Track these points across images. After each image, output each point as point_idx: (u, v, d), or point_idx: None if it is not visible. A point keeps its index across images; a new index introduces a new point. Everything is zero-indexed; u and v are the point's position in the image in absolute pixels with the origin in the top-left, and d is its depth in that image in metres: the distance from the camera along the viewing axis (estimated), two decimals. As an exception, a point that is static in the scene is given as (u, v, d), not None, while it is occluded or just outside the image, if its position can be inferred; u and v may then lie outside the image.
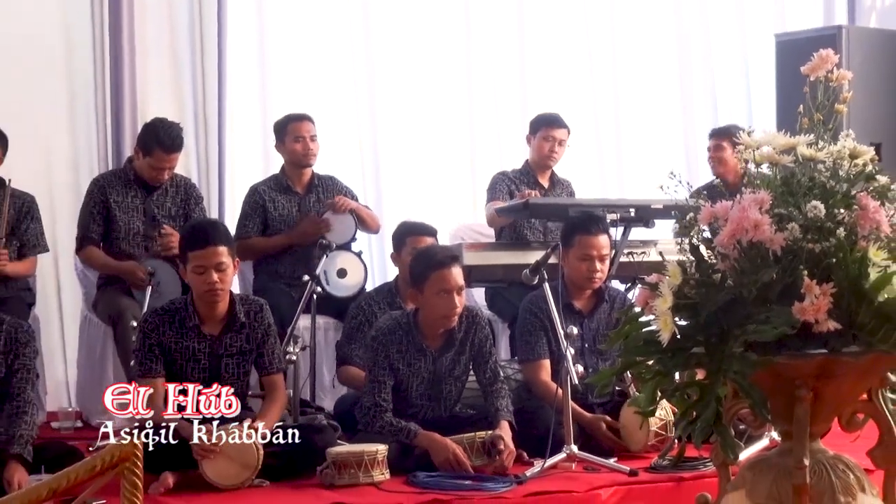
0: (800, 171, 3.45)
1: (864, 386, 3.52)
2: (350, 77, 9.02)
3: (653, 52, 9.97)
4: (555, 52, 9.63)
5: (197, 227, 5.92)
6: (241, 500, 5.07)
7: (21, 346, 5.42)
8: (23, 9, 7.98)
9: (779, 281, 3.25)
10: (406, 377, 5.90)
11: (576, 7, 9.75)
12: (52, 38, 8.08)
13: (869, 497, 3.46)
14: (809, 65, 3.58)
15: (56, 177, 7.99)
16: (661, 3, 10.00)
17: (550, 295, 5.83)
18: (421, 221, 6.98)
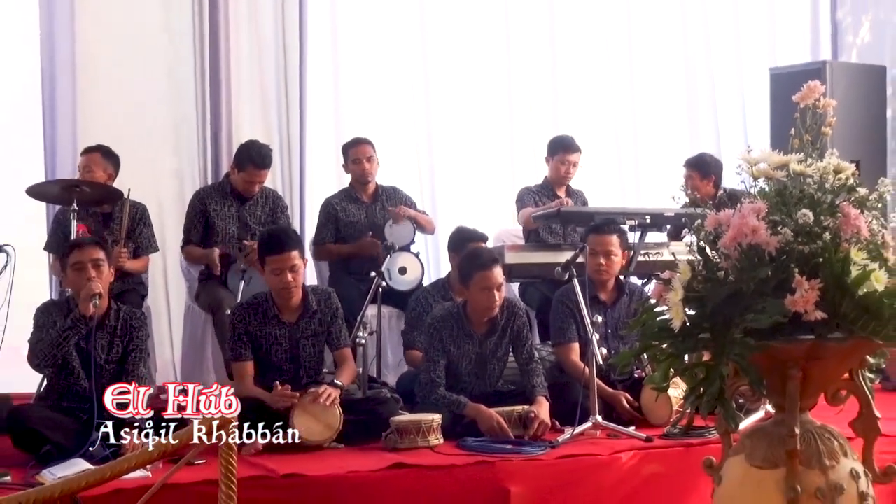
0: (791, 184, 3.44)
1: (846, 367, 3.50)
2: (410, 105, 9.03)
3: (664, 82, 9.91)
4: (582, 81, 9.61)
5: (273, 235, 5.89)
6: (319, 459, 5.05)
7: (135, 330, 5.45)
8: (137, 55, 8.01)
9: (773, 277, 3.23)
10: (456, 358, 5.89)
11: (600, 44, 9.71)
12: (161, 77, 8.11)
13: (850, 461, 3.44)
14: (800, 94, 3.56)
15: (164, 189, 8.01)
16: (673, 41, 9.94)
17: (579, 288, 5.82)
18: (474, 228, 6.96)
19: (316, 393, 5.39)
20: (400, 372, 6.81)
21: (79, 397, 5.22)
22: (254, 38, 8.37)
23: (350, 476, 4.83)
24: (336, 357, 5.91)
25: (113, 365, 5.34)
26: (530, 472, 5.01)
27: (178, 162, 8.17)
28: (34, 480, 4.50)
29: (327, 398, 5.36)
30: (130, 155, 7.18)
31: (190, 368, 7.38)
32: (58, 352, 5.22)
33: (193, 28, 8.13)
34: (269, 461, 4.95)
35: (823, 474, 3.35)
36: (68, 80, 7.81)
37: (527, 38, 9.48)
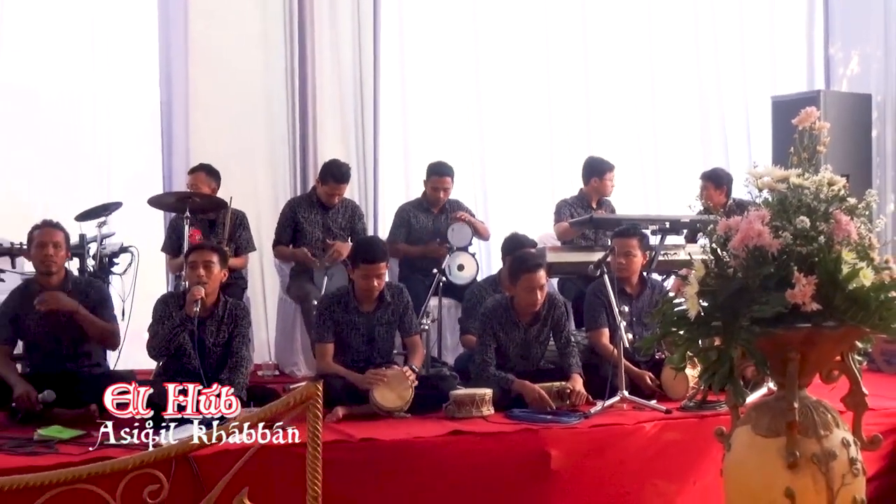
0: (791, 195, 3.41)
1: (838, 350, 3.48)
2: (466, 130, 9.03)
3: (681, 107, 9.83)
4: (612, 106, 9.56)
5: (369, 246, 5.81)
6: (390, 426, 5.05)
7: (238, 318, 5.47)
8: (239, 90, 8.08)
9: (775, 274, 3.21)
10: (505, 342, 5.87)
11: (627, 74, 9.65)
12: (259, 106, 8.17)
13: (841, 431, 3.41)
14: (798, 118, 3.54)
15: (261, 199, 8.05)
16: (688, 71, 9.85)
17: (608, 283, 5.79)
18: (525, 235, 6.92)
19: (400, 370, 5.44)
20: (457, 353, 6.80)
21: (190, 375, 5.21)
22: (335, 72, 8.41)
23: (415, 441, 4.83)
24: (407, 343, 5.89)
25: (220, 348, 5.37)
26: (567, 439, 4.99)
27: (273, 176, 8.21)
28: (154, 443, 4.52)
29: (413, 380, 5.39)
30: (233, 170, 7.24)
31: (282, 350, 7.42)
32: (170, 345, 5.28)
33: (286, 65, 8.19)
34: (348, 427, 4.96)
35: (819, 442, 3.33)
36: (182, 110, 7.90)
37: (563, 70, 9.42)
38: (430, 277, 6.73)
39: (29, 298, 5.42)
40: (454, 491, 4.75)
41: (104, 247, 6.51)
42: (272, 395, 5.17)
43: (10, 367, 5.35)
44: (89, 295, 5.50)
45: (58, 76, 7.89)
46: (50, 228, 5.47)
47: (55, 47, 7.87)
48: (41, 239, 5.41)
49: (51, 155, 7.80)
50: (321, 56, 8.34)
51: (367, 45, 8.44)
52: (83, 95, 7.93)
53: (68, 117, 7.88)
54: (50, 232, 5.45)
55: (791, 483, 3.28)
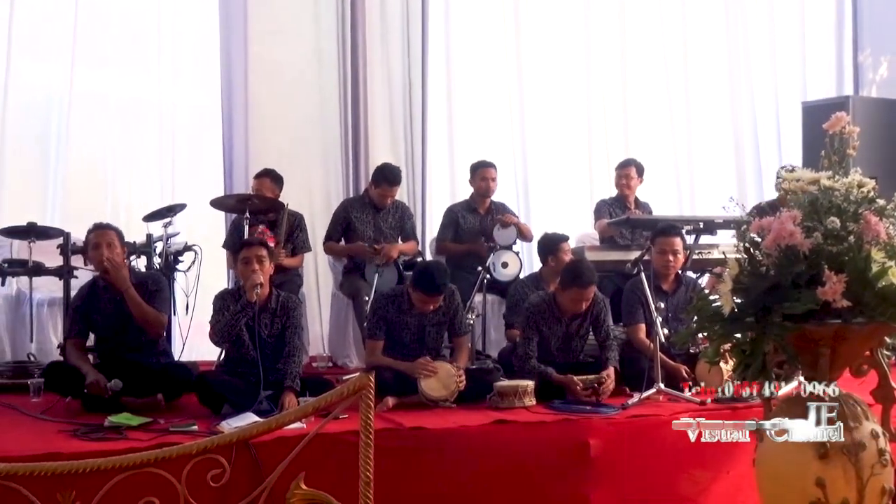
0: (822, 196, 3.37)
1: (867, 346, 3.44)
2: (509, 135, 9.03)
3: (715, 113, 9.76)
4: (648, 112, 9.52)
5: (431, 279, 5.62)
6: (437, 416, 5.06)
7: (291, 310, 5.45)
8: (294, 98, 8.15)
9: (807, 272, 3.19)
10: (547, 336, 5.85)
11: (663, 81, 9.59)
12: (313, 113, 8.22)
13: (870, 423, 3.38)
14: (829, 122, 3.51)
15: (315, 201, 8.09)
16: (721, 78, 9.78)
17: (645, 280, 5.76)
18: (557, 231, 6.90)
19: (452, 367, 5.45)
20: (500, 347, 6.79)
21: (248, 364, 5.27)
22: (385, 83, 8.45)
23: (461, 429, 4.83)
24: (455, 342, 5.87)
25: (274, 339, 5.38)
26: (606, 429, 4.97)
27: (326, 180, 8.26)
28: (216, 430, 4.55)
29: (462, 380, 5.39)
30: (289, 175, 7.28)
31: (335, 343, 7.46)
32: (231, 331, 5.28)
33: (339, 77, 8.25)
34: (398, 416, 4.98)
35: (848, 433, 3.29)
36: (242, 119, 7.98)
37: (602, 75, 9.40)
38: (476, 274, 6.73)
39: (96, 295, 5.48)
40: (497, 477, 4.74)
41: (169, 245, 6.56)
42: (326, 386, 5.18)
43: (83, 358, 5.42)
44: (147, 285, 5.55)
45: (126, 87, 8.02)
46: (102, 230, 5.52)
47: (124, 59, 8.00)
48: (95, 240, 5.47)
49: (120, 160, 7.93)
50: (372, 68, 8.38)
51: (416, 58, 8.48)
52: (150, 104, 8.04)
53: (136, 125, 7.99)
54: (103, 233, 5.50)
55: (822, 473, 3.25)
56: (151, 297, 5.49)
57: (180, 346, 6.57)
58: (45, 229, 6.38)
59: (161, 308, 5.52)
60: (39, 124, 7.77)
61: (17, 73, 7.56)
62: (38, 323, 6.59)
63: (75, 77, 7.70)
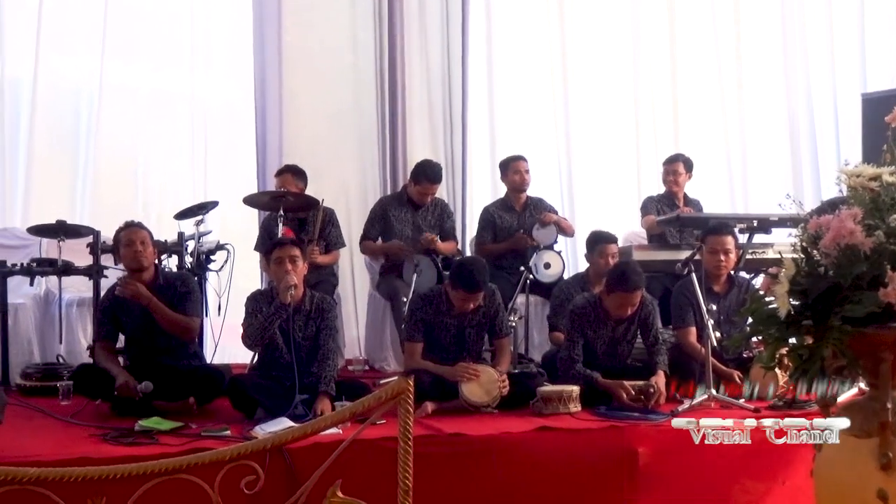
0: (884, 193, 3.33)
1: (933, 351, 3.37)
2: (552, 129, 9.03)
3: (769, 107, 9.68)
4: (699, 106, 9.47)
5: (470, 276, 5.60)
6: (478, 421, 5.07)
7: (326, 312, 5.47)
8: (329, 92, 8.21)
9: (868, 273, 3.14)
10: (592, 339, 5.83)
11: (715, 74, 9.55)
12: (348, 108, 8.30)
13: (935, 432, 3.32)
14: (891, 115, 3.46)
15: (351, 197, 8.14)
16: (776, 70, 9.70)
17: (696, 281, 5.72)
18: (606, 231, 6.87)
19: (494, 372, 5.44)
20: (544, 350, 6.77)
21: (282, 367, 5.31)
22: (424, 73, 8.48)
23: (503, 436, 4.83)
24: (496, 345, 5.86)
25: (308, 341, 5.40)
26: (654, 436, 4.94)
27: (363, 175, 8.31)
28: (249, 435, 4.60)
29: (505, 385, 5.38)
30: (324, 170, 7.34)
31: (371, 345, 7.48)
32: (265, 334, 5.30)
33: (375, 67, 8.30)
34: (437, 422, 4.99)
35: (912, 443, 3.25)
36: (275, 112, 8.05)
37: (650, 67, 9.38)
38: (517, 275, 6.73)
39: (124, 296, 5.54)
40: (541, 486, 4.74)
41: (201, 244, 6.61)
42: (363, 390, 5.21)
43: (113, 359, 5.49)
44: (176, 287, 5.60)
45: (157, 80, 8.10)
46: (135, 228, 5.60)
47: (155, 51, 8.09)
48: (129, 238, 5.53)
49: (150, 156, 8.01)
50: (410, 58, 8.41)
51: (456, 48, 8.49)
52: (181, 98, 8.13)
53: (167, 119, 8.07)
54: (135, 231, 5.58)
55: (884, 484, 3.21)
56: (181, 300, 5.53)
57: (212, 348, 6.62)
58: (75, 227, 6.46)
59: (191, 311, 5.57)
60: (68, 119, 7.88)
61: (45, 67, 7.67)
62: (67, 324, 6.66)
63: (105, 70, 7.79)
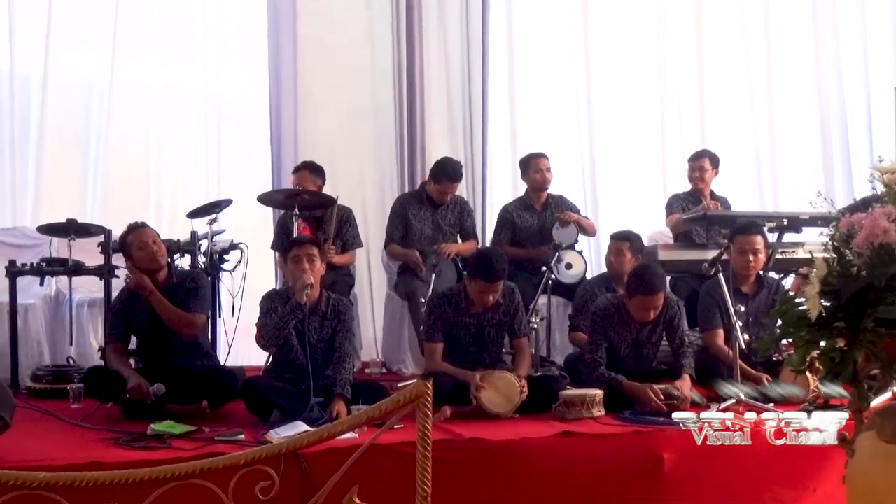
0: (919, 190, 3.30)
1: (970, 354, 3.35)
2: (574, 126, 9.01)
3: (800, 99, 9.64)
4: (726, 100, 9.42)
5: (489, 265, 5.64)
6: (498, 426, 5.06)
7: (342, 313, 5.48)
8: (346, 86, 8.22)
9: (903, 273, 3.12)
10: (616, 342, 5.82)
11: (743, 67, 9.50)
12: (366, 104, 8.31)
13: (971, 437, 3.29)
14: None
15: (368, 195, 8.16)
16: (807, 62, 9.66)
17: (723, 282, 5.70)
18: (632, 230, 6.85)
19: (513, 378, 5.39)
20: (566, 353, 6.76)
21: (297, 369, 5.32)
22: (443, 67, 8.48)
23: (524, 441, 4.82)
24: (515, 344, 5.87)
25: (324, 343, 5.41)
26: (680, 441, 4.88)
27: (380, 173, 8.31)
28: (263, 439, 4.60)
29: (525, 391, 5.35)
30: (341, 167, 7.33)
31: (389, 347, 7.49)
32: (279, 334, 5.31)
33: (393, 62, 8.31)
34: (456, 427, 4.98)
35: (949, 449, 3.22)
36: (291, 108, 8.06)
37: (676, 62, 9.34)
38: (538, 276, 6.73)
39: (135, 296, 5.56)
40: (563, 493, 4.73)
41: (215, 243, 6.63)
42: (380, 393, 5.22)
43: (124, 362, 5.51)
44: (186, 284, 5.63)
45: (170, 75, 8.13)
46: (143, 229, 5.65)
47: (167, 46, 8.12)
48: (141, 240, 5.56)
49: (163, 153, 8.04)
50: (428, 52, 8.41)
51: (476, 41, 8.49)
52: (195, 94, 8.16)
53: (180, 116, 8.10)
54: (145, 231, 5.62)
55: (919, 491, 3.19)
56: (188, 296, 5.56)
57: (226, 350, 6.63)
58: (86, 226, 6.49)
59: (197, 307, 5.58)
60: (79, 116, 7.91)
61: (55, 63, 7.72)
62: (77, 325, 6.70)
63: (116, 66, 7.84)
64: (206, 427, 4.90)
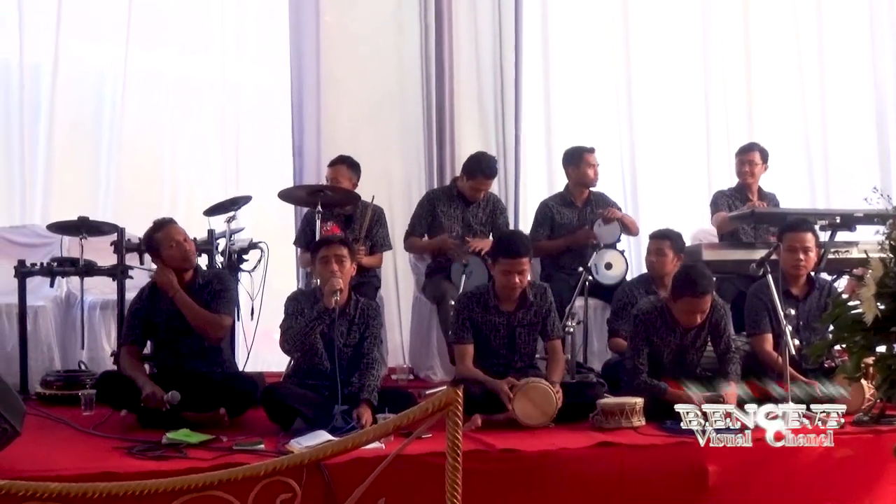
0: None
1: None
2: (614, 118, 9.00)
3: (853, 91, 9.58)
4: (776, 91, 9.38)
5: (510, 240, 5.79)
6: (532, 436, 5.05)
7: (371, 319, 5.50)
8: (372, 74, 8.23)
9: (965, 275, 3.10)
10: (658, 347, 5.79)
11: (794, 58, 9.46)
12: (393, 94, 8.31)
13: None
14: None
15: (394, 191, 8.15)
16: (861, 54, 9.60)
17: (772, 283, 5.67)
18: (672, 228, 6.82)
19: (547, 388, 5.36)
20: (604, 359, 6.75)
21: (322, 376, 5.34)
22: (474, 59, 8.48)
23: (560, 452, 4.81)
24: (547, 347, 5.86)
25: (350, 349, 5.42)
26: (727, 453, 4.86)
27: (406, 168, 8.32)
28: (284, 449, 4.61)
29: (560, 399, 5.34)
30: (366, 162, 7.32)
31: (417, 353, 7.50)
32: (306, 339, 5.32)
33: (421, 49, 8.30)
34: (488, 437, 4.97)
35: None
36: (313, 99, 8.07)
37: (722, 51, 9.30)
38: (575, 276, 6.71)
39: (156, 297, 5.61)
40: (600, 507, 4.73)
41: (233, 242, 6.65)
42: (407, 401, 5.21)
43: (139, 367, 5.54)
44: (212, 284, 5.67)
45: (185, 65, 8.16)
46: (174, 225, 5.71)
47: (183, 35, 8.13)
48: (170, 237, 5.61)
49: (178, 147, 8.06)
50: (458, 39, 8.40)
51: (508, 27, 8.47)
52: (212, 84, 8.19)
53: (196, 108, 8.13)
54: (173, 227, 5.68)
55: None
56: (214, 297, 5.60)
57: (245, 354, 6.66)
58: (98, 224, 6.54)
59: (223, 309, 5.62)
60: (91, 108, 7.95)
61: (66, 52, 7.76)
62: (89, 328, 6.74)
63: (129, 55, 7.87)
64: (225, 436, 4.91)
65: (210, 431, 4.96)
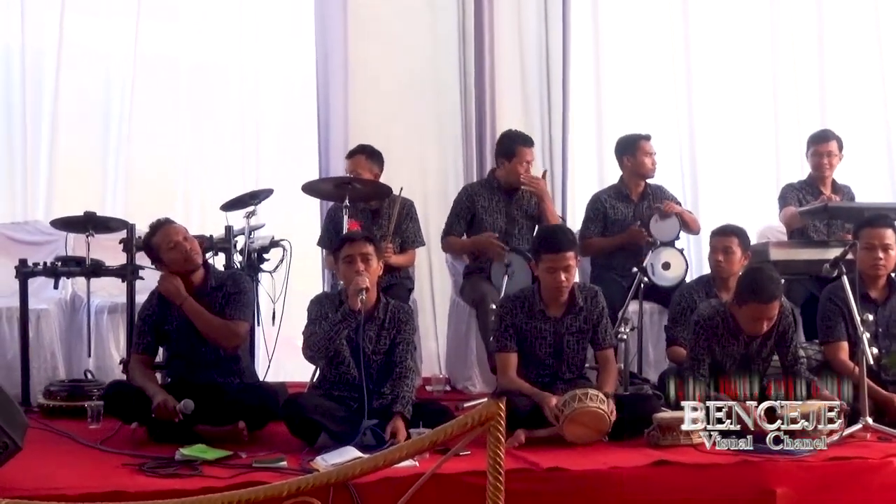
0: None
1: None
2: (672, 104, 8.98)
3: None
4: (850, 78, 9.31)
5: (552, 234, 5.80)
6: (581, 454, 5.03)
7: (402, 323, 5.49)
8: (403, 57, 8.27)
9: None
10: (721, 357, 5.74)
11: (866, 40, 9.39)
12: (426, 78, 8.37)
13: None
14: None
15: (429, 185, 8.18)
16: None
17: (848, 286, 5.62)
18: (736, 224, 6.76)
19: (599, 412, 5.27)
20: (661, 368, 6.70)
21: (349, 386, 5.34)
22: (516, 39, 8.49)
23: (612, 472, 4.79)
24: (598, 357, 5.82)
25: (380, 356, 5.43)
26: (796, 474, 4.86)
27: (442, 159, 8.35)
28: (309, 466, 4.62)
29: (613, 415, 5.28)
30: (397, 153, 7.35)
31: (454, 361, 7.50)
32: (330, 345, 5.32)
33: (458, 30, 8.32)
34: (532, 454, 4.96)
35: None
36: (340, 83, 8.09)
37: (792, 36, 9.25)
38: (629, 278, 6.69)
39: (166, 302, 5.61)
40: (657, 532, 4.70)
41: (252, 240, 6.66)
42: (443, 414, 5.20)
43: (150, 377, 5.56)
44: (226, 287, 5.68)
45: (201, 50, 8.19)
46: (171, 225, 5.70)
47: (198, 16, 8.18)
48: (170, 238, 5.60)
49: (192, 138, 8.08)
50: (499, 18, 8.41)
51: (555, 5, 8.43)
52: (230, 70, 8.22)
53: (213, 95, 8.16)
54: (173, 228, 5.67)
55: None
56: (228, 301, 5.61)
57: (265, 363, 6.67)
58: (106, 220, 6.59)
59: (237, 314, 5.61)
60: (98, 95, 8.00)
61: (71, 34, 7.82)
62: (96, 334, 6.78)
63: (140, 37, 7.93)
64: (243, 452, 4.93)
65: (227, 447, 4.97)
